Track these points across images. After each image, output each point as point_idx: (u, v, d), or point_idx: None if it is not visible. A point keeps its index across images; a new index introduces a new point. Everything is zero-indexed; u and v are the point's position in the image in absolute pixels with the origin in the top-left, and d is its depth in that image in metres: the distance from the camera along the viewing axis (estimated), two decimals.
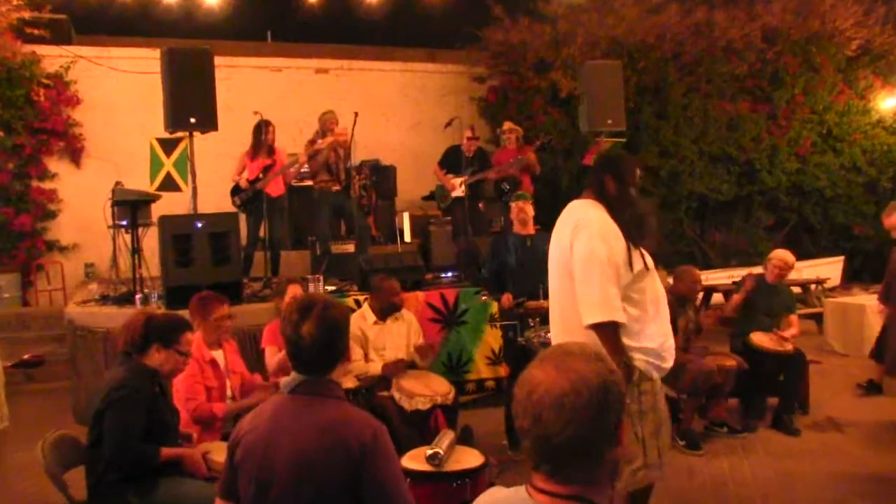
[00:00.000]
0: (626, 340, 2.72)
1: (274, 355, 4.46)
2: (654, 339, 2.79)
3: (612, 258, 2.71)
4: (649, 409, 2.78)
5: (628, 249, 2.76)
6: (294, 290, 4.70)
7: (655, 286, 2.85)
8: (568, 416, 1.28)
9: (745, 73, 10.41)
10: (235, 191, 7.21)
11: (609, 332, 2.67)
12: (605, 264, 2.68)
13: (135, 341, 3.06)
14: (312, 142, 7.31)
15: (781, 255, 5.70)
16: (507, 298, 4.97)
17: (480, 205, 7.75)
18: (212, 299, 3.99)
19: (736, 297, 5.65)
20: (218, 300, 3.98)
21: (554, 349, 1.43)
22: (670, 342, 2.87)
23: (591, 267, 2.68)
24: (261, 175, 7.15)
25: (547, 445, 1.31)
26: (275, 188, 7.21)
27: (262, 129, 7.16)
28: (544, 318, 4.61)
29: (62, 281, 9.38)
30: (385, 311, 4.85)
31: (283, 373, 4.26)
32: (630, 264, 2.74)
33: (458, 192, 7.67)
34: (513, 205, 5.20)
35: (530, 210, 5.12)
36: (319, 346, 2.03)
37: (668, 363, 2.84)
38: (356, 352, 4.63)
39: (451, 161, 7.80)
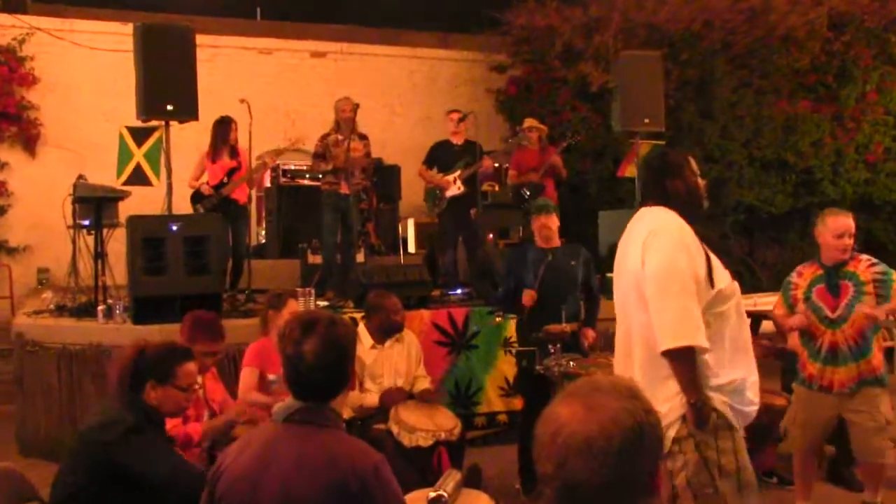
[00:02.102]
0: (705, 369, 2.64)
1: (251, 377, 4.46)
2: (735, 374, 2.69)
3: (694, 272, 2.64)
4: (732, 471, 2.65)
5: (708, 262, 2.70)
6: (294, 305, 4.66)
7: (740, 310, 2.77)
8: (597, 462, 1.28)
9: (807, 66, 10.40)
10: (197, 198, 7.23)
11: (686, 360, 2.59)
12: (687, 278, 2.61)
13: (127, 381, 3.01)
14: (324, 137, 7.33)
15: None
16: (528, 296, 4.89)
17: (472, 212, 7.63)
18: (210, 329, 4.00)
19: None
20: (213, 333, 3.99)
21: (582, 383, 1.43)
22: (755, 377, 2.76)
23: (668, 280, 2.61)
24: (225, 179, 7.20)
25: (572, 495, 1.31)
26: (241, 194, 7.31)
27: (226, 128, 7.24)
28: (566, 345, 4.68)
29: (9, 288, 9.38)
30: (384, 332, 4.85)
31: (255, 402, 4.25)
32: (710, 281, 2.67)
33: (454, 189, 7.47)
34: (534, 218, 5.19)
35: (554, 224, 5.10)
36: (322, 367, 2.06)
37: (753, 406, 2.75)
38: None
39: (440, 158, 7.58)
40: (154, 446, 2.92)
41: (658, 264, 2.65)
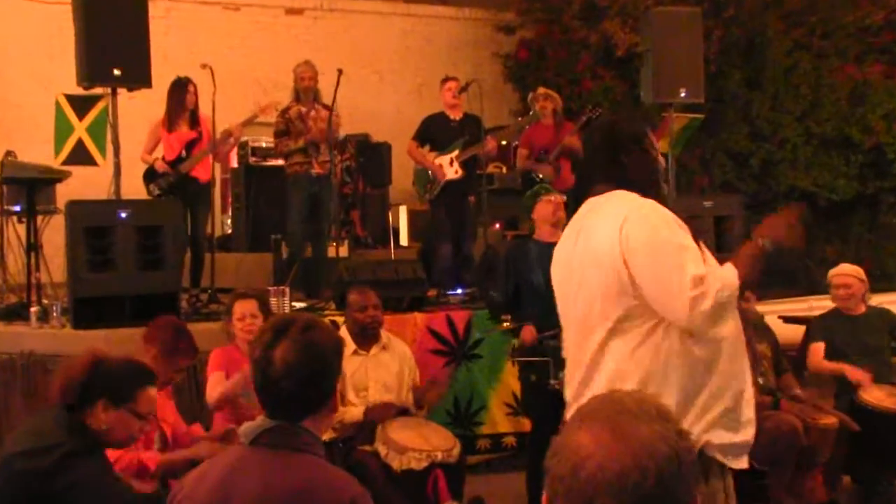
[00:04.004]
0: (678, 404, 2.58)
1: (219, 383, 4.48)
2: (726, 399, 2.68)
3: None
4: None
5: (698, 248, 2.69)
6: (245, 308, 4.69)
7: (735, 312, 2.75)
8: (631, 500, 1.26)
9: (879, 23, 10.37)
10: (151, 176, 7.21)
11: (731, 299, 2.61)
12: (678, 241, 2.63)
13: (73, 391, 2.97)
14: (285, 112, 7.39)
15: (844, 271, 5.74)
16: (529, 332, 4.97)
17: (471, 198, 7.60)
18: (190, 341, 4.12)
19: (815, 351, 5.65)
20: (193, 347, 4.12)
21: (602, 402, 1.41)
22: (749, 392, 2.75)
23: (657, 251, 2.62)
24: (183, 153, 7.19)
25: None
26: (203, 171, 7.27)
27: (182, 91, 7.21)
28: None
29: None
30: (360, 335, 4.90)
31: (229, 406, 4.36)
32: None
33: (451, 173, 7.51)
34: (542, 200, 5.20)
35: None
36: (294, 376, 2.06)
37: (750, 429, 2.73)
38: None
39: (434, 135, 7.62)
40: (99, 474, 2.91)
41: (642, 237, 2.64)
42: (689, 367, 2.63)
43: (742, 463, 2.75)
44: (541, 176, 7.64)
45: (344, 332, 4.95)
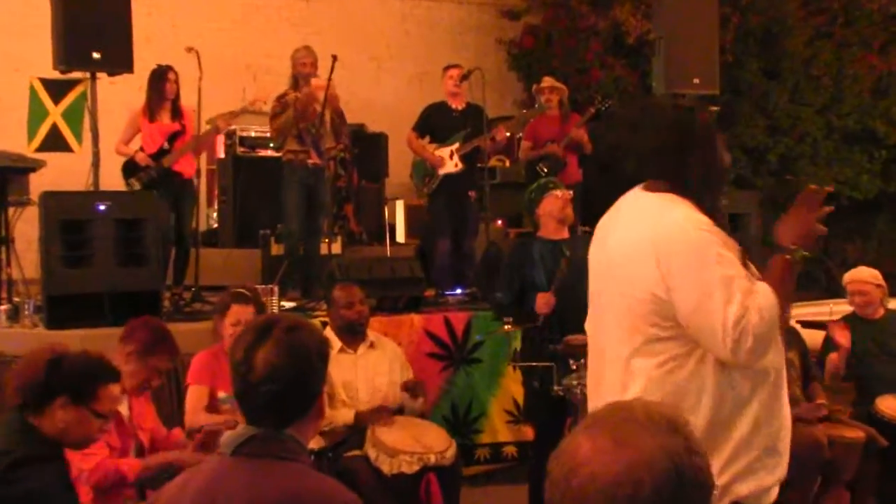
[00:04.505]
0: (711, 441, 2.44)
1: (199, 398, 4.49)
2: (764, 428, 2.56)
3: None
4: None
5: (745, 266, 2.56)
6: (242, 313, 4.62)
7: (778, 344, 2.62)
8: None
9: None
10: (130, 169, 7.09)
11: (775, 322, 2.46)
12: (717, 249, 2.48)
13: (31, 390, 2.97)
14: (282, 97, 7.34)
15: (859, 277, 5.80)
16: (545, 300, 4.93)
17: (471, 193, 7.59)
18: (170, 340, 4.10)
19: (833, 359, 5.62)
20: (173, 346, 4.10)
21: (611, 410, 1.41)
22: (787, 426, 2.64)
23: (699, 268, 2.47)
24: (166, 145, 7.12)
25: None
26: (187, 166, 7.24)
27: (162, 80, 7.11)
28: None
29: None
30: (346, 332, 4.93)
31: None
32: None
33: (450, 166, 7.51)
34: (550, 195, 5.19)
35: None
36: (278, 379, 2.06)
37: (782, 467, 2.62)
38: None
39: (435, 125, 7.63)
40: (48, 486, 2.88)
41: (682, 248, 2.49)
42: (725, 400, 2.52)
43: (772, 497, 2.64)
44: (545, 170, 7.64)
45: (328, 331, 4.98)
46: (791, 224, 2.59)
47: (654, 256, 2.51)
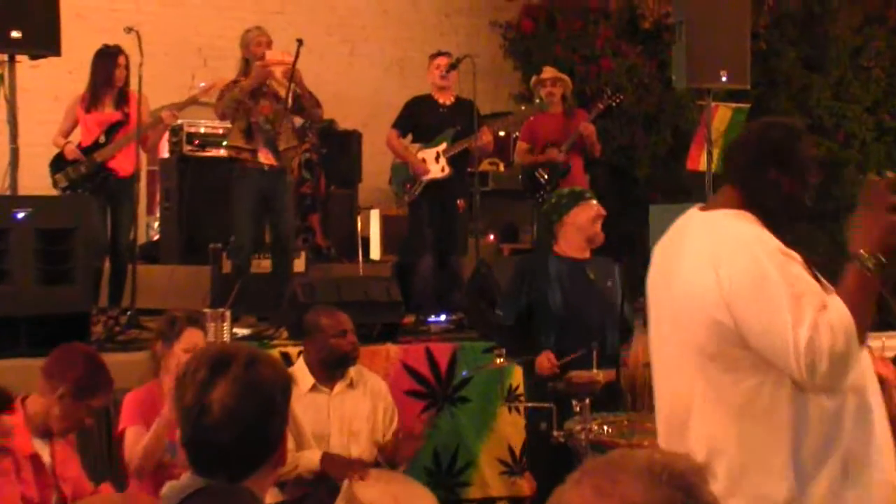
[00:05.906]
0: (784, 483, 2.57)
1: (139, 440, 4.39)
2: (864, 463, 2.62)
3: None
4: None
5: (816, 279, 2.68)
6: (193, 338, 4.67)
7: (861, 361, 2.71)
8: None
9: None
10: (59, 164, 7.20)
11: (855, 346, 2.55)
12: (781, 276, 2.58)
13: None
14: (234, 83, 7.31)
15: None
16: (546, 359, 5.00)
17: (459, 202, 7.65)
18: (103, 376, 4.03)
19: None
20: (108, 382, 4.04)
21: (609, 458, 1.43)
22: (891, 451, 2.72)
23: (764, 287, 2.58)
24: (102, 138, 7.16)
25: None
26: (124, 163, 7.21)
27: (109, 62, 7.18)
28: (600, 402, 4.69)
29: None
30: (327, 367, 4.91)
31: (151, 466, 4.26)
32: None
33: (436, 171, 7.55)
34: (583, 203, 5.18)
35: None
36: (237, 425, 2.08)
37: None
38: None
39: (419, 123, 7.70)
40: None
41: (744, 273, 2.63)
42: (808, 432, 2.62)
43: None
44: (546, 176, 7.61)
45: (301, 364, 5.01)
46: (861, 226, 2.70)
47: (714, 274, 2.64)
